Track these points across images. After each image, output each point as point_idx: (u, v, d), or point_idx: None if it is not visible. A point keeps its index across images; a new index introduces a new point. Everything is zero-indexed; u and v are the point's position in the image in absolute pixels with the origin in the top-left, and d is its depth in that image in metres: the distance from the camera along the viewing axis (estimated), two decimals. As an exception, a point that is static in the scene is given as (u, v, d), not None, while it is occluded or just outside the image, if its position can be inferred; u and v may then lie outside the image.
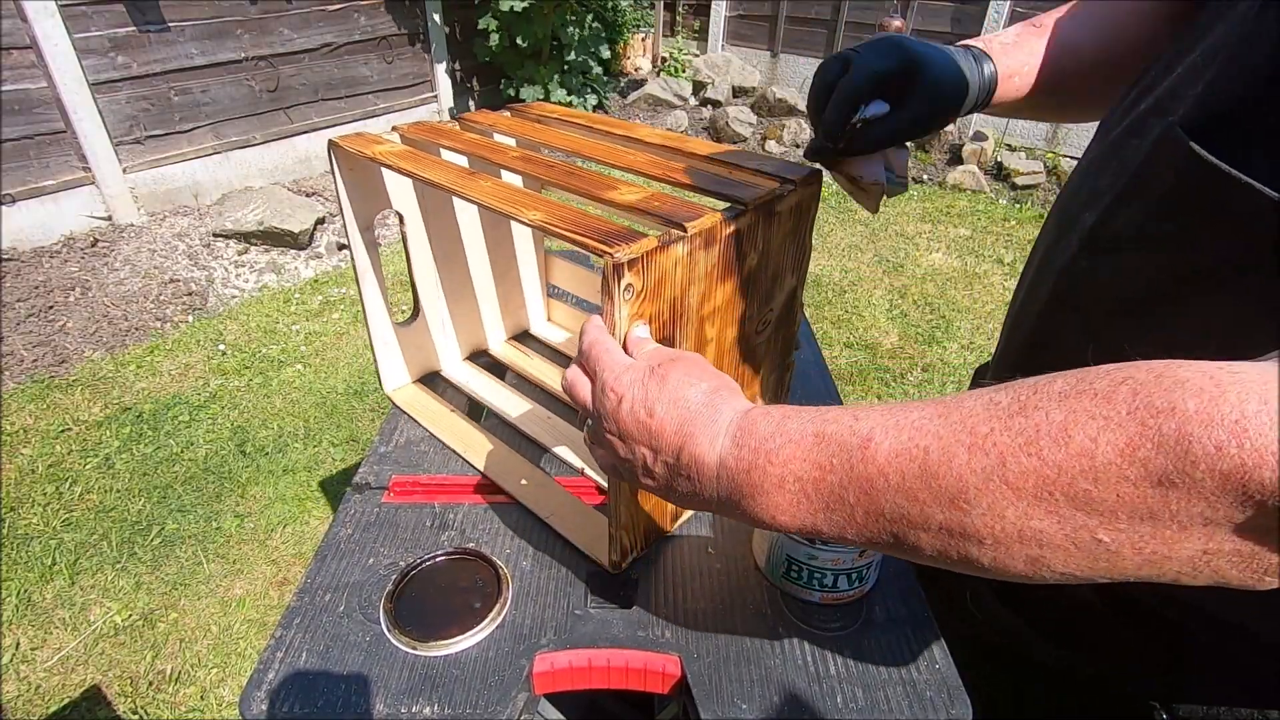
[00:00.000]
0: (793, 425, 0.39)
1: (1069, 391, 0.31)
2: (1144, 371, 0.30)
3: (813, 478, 0.37)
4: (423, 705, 0.55)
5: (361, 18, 3.89)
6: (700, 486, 0.43)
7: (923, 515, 0.34)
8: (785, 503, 0.39)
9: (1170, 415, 0.28)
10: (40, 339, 2.56)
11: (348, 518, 0.73)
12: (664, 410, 0.44)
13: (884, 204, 0.89)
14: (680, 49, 5.59)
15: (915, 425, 0.35)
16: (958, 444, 0.33)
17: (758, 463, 0.39)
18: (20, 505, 1.94)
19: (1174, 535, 0.29)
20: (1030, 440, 0.31)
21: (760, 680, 0.57)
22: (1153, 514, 0.29)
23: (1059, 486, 0.30)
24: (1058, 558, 0.32)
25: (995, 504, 0.32)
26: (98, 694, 1.51)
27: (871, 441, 0.35)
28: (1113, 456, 0.29)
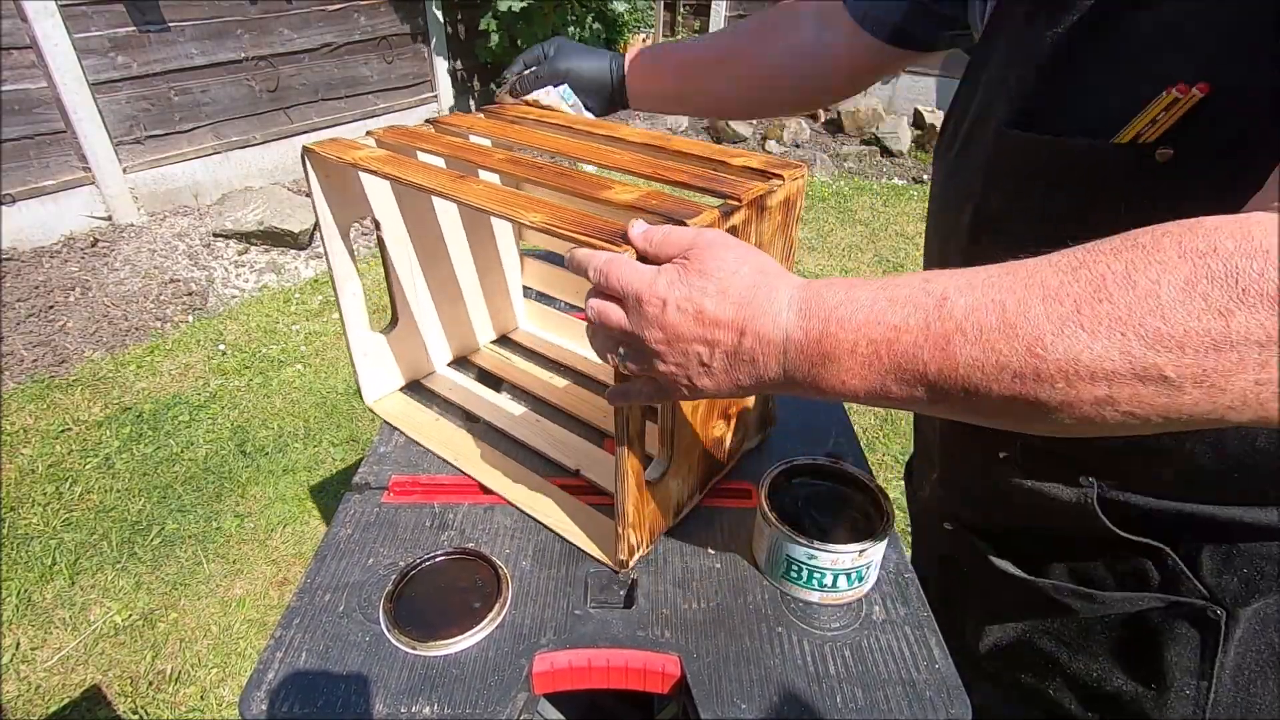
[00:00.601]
0: (861, 293, 0.40)
1: (1120, 248, 0.35)
2: (1177, 226, 0.34)
3: (887, 339, 0.39)
4: (423, 705, 0.55)
5: (361, 17, 3.89)
6: (764, 368, 0.43)
7: (999, 364, 0.36)
8: (856, 367, 0.40)
9: (1214, 254, 0.32)
10: (40, 339, 2.56)
11: (348, 518, 0.73)
12: (714, 303, 0.44)
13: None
14: (680, 49, 5.58)
15: (988, 282, 0.37)
16: (1032, 296, 0.35)
17: (829, 330, 0.40)
18: (20, 505, 1.94)
19: (1232, 365, 0.32)
20: (1099, 287, 0.34)
21: (760, 680, 0.57)
22: (1215, 343, 0.32)
23: (1130, 325, 0.33)
24: (1124, 395, 0.34)
25: (1071, 347, 0.34)
26: (98, 694, 1.51)
27: (948, 299, 0.37)
28: (1175, 294, 0.32)
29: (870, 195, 4.01)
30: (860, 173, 4.33)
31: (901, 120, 4.46)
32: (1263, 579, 0.55)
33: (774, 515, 0.63)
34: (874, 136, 4.49)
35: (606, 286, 0.49)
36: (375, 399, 0.90)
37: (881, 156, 4.46)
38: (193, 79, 3.35)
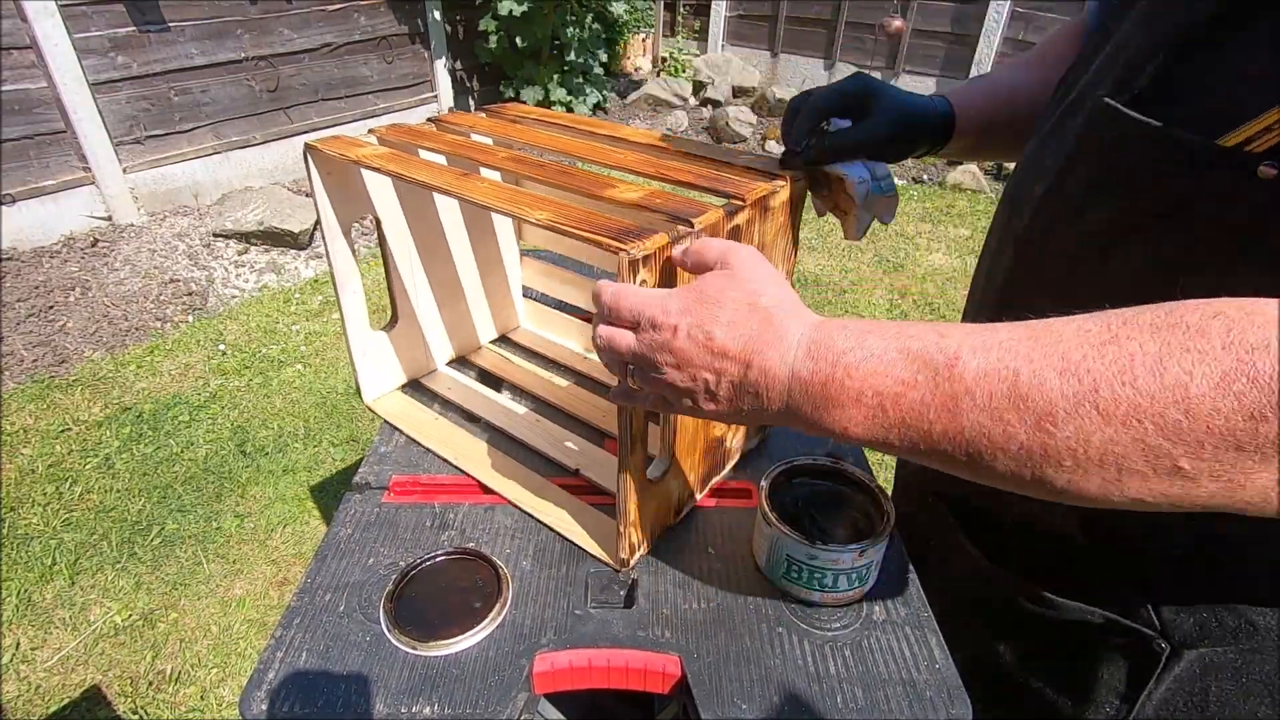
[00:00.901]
0: (873, 341, 0.40)
1: (1160, 324, 0.32)
2: (1234, 308, 0.31)
3: (893, 393, 0.38)
4: (423, 705, 0.55)
5: (361, 18, 3.89)
6: (768, 401, 0.43)
7: (1005, 435, 0.35)
8: (860, 416, 0.39)
9: (1265, 352, 0.30)
10: (40, 339, 2.56)
11: (348, 518, 0.73)
12: (724, 332, 0.43)
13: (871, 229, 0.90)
14: (680, 49, 5.59)
15: (1004, 346, 0.35)
16: (1049, 368, 0.34)
17: (835, 375, 0.40)
18: (20, 505, 1.94)
19: (1254, 466, 0.31)
20: (1125, 369, 0.32)
21: (760, 680, 0.57)
22: (1239, 445, 0.30)
23: (1150, 415, 0.31)
24: (1134, 482, 0.33)
25: (1083, 428, 0.33)
26: (98, 694, 1.51)
27: (959, 360, 0.36)
28: (1207, 390, 0.30)
29: (870, 195, 4.01)
30: (860, 173, 4.32)
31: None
32: (1220, 628, 0.54)
33: (774, 515, 0.63)
34: (874, 137, 4.49)
35: (616, 315, 0.49)
36: (374, 397, 0.89)
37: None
38: (193, 79, 3.36)
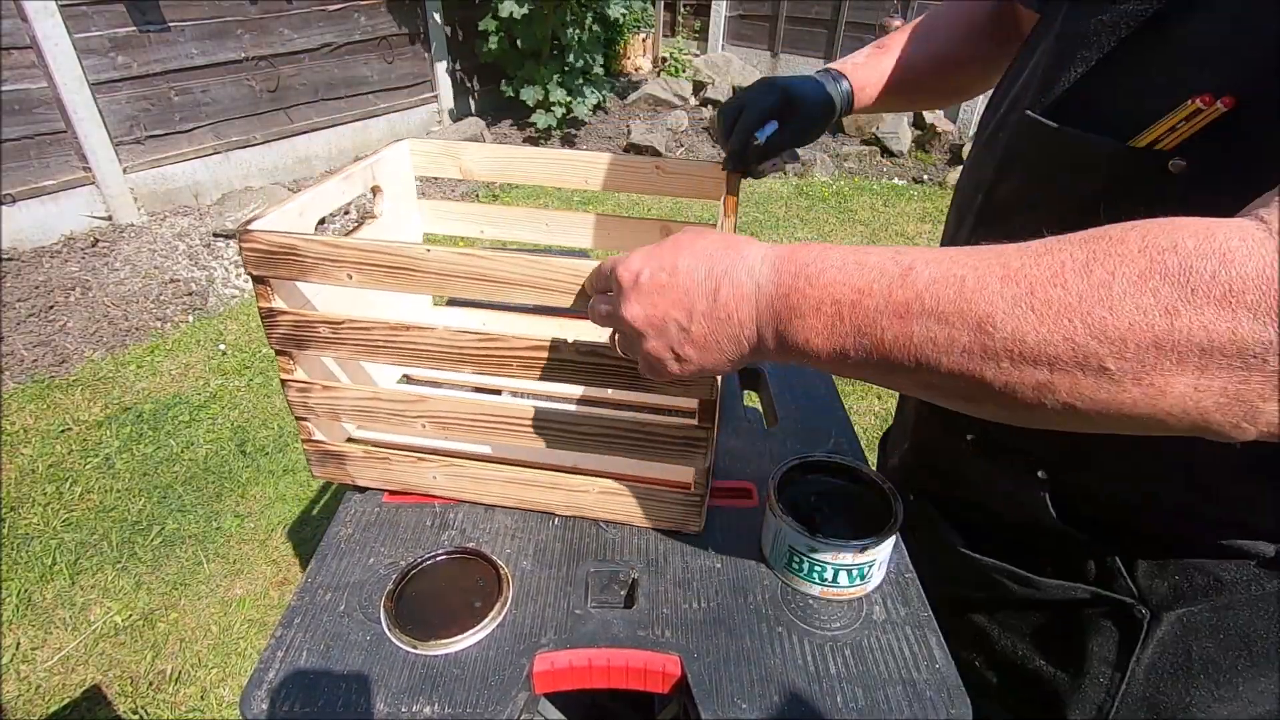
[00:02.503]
0: (833, 255, 0.41)
1: (1088, 238, 0.35)
2: (1149, 221, 0.34)
3: (850, 300, 0.39)
4: (423, 705, 0.55)
5: (361, 18, 3.89)
6: (740, 326, 0.44)
7: (949, 338, 0.37)
8: (820, 325, 0.41)
9: (1174, 251, 0.32)
10: (40, 339, 2.56)
11: (348, 518, 0.73)
12: (687, 263, 0.45)
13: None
14: (680, 49, 5.59)
15: (954, 259, 0.38)
16: (991, 274, 0.36)
17: (798, 285, 0.41)
18: (20, 505, 1.94)
19: (1172, 365, 0.33)
20: (1057, 273, 0.34)
21: (760, 680, 0.57)
22: (1157, 340, 0.32)
23: (1079, 313, 0.33)
24: (1064, 383, 0.35)
25: (1019, 328, 0.35)
26: (98, 694, 1.51)
27: (913, 270, 0.38)
28: (1127, 287, 0.33)
29: (870, 195, 4.01)
30: (860, 173, 4.33)
31: (902, 120, 4.46)
32: (1191, 588, 0.57)
33: (780, 506, 0.64)
34: (874, 137, 4.49)
35: (596, 285, 0.53)
36: None
37: (881, 157, 4.47)
38: (193, 79, 3.36)
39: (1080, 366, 0.34)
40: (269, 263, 0.62)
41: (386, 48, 4.08)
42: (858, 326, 0.39)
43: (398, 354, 0.65)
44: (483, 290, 0.59)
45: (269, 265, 0.63)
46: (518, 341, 0.62)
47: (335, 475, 0.76)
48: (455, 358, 0.64)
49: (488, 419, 0.68)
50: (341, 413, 0.71)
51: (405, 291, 0.62)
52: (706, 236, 0.47)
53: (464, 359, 0.64)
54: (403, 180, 0.88)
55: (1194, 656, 0.58)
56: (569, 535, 0.71)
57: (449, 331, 0.63)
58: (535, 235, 0.92)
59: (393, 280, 0.61)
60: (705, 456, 0.65)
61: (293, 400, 0.71)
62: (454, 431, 0.70)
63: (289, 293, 0.68)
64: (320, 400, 0.70)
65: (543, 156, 0.86)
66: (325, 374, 0.76)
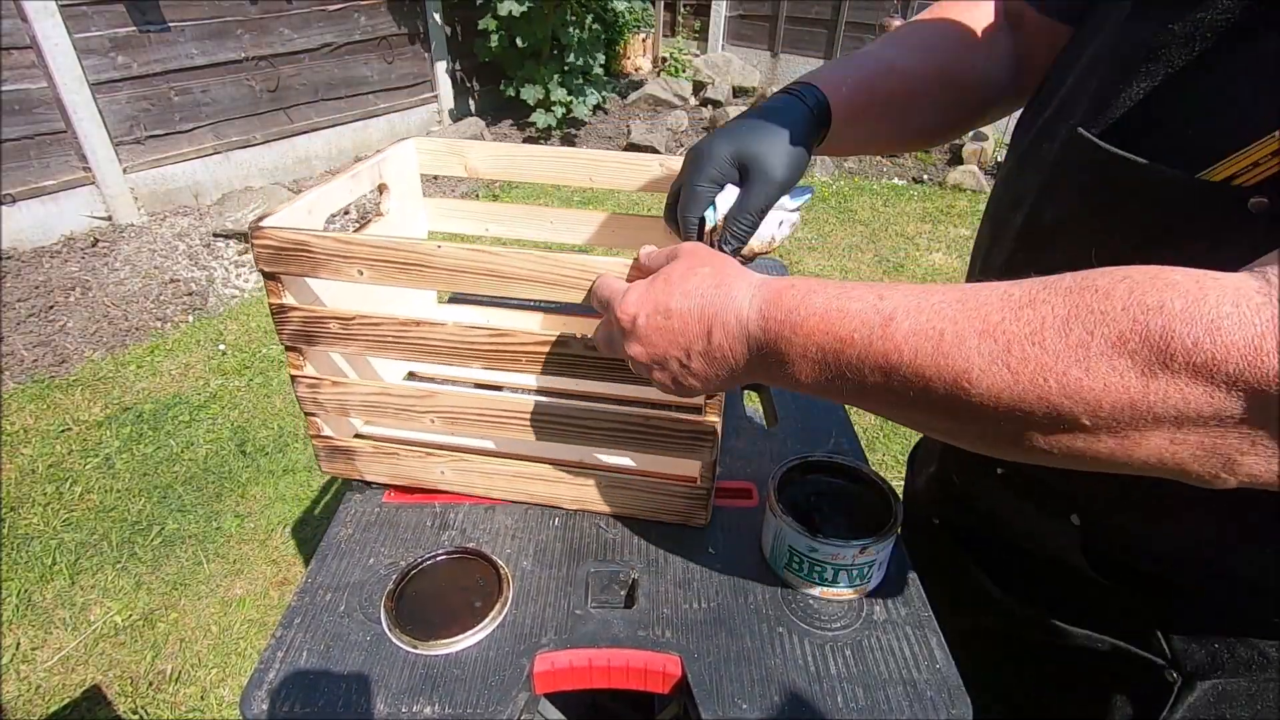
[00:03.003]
0: (817, 299, 0.42)
1: (1074, 287, 0.34)
2: (1140, 273, 0.33)
3: (834, 349, 0.41)
4: (423, 705, 0.55)
5: (361, 18, 3.89)
6: (735, 363, 0.46)
7: (926, 391, 0.37)
8: (807, 369, 0.42)
9: (1159, 313, 0.31)
10: (40, 339, 2.56)
11: (348, 517, 0.73)
12: (679, 304, 0.46)
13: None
14: (680, 49, 5.59)
15: (935, 309, 0.38)
16: (970, 329, 0.36)
17: (784, 334, 0.43)
18: (20, 505, 1.94)
19: (1148, 425, 0.33)
20: (1036, 330, 0.34)
21: (760, 680, 0.57)
22: (1132, 402, 0.32)
23: (1054, 373, 0.33)
24: (1040, 437, 0.35)
25: (994, 385, 0.35)
26: (98, 694, 1.51)
27: (893, 320, 0.39)
28: (1105, 348, 0.32)
29: (870, 195, 4.01)
30: (860, 173, 4.33)
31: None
32: (1232, 660, 0.53)
33: (780, 506, 0.64)
34: (874, 137, 4.49)
35: (595, 304, 0.54)
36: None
37: (882, 156, 4.46)
38: (193, 79, 3.36)
39: (1054, 422, 0.34)
40: (280, 259, 0.63)
41: (386, 48, 4.08)
42: (841, 371, 0.41)
43: (407, 349, 0.66)
44: (492, 286, 0.60)
45: (280, 262, 0.63)
46: (526, 337, 0.62)
47: (344, 470, 0.77)
48: (464, 353, 0.65)
49: (496, 413, 0.69)
50: (350, 408, 0.72)
51: (416, 287, 0.62)
52: (697, 274, 0.47)
53: (473, 354, 0.65)
54: (408, 178, 0.88)
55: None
56: (569, 535, 0.71)
57: (459, 327, 0.63)
58: (539, 233, 0.92)
59: (404, 276, 0.61)
60: (712, 450, 0.65)
61: (302, 396, 0.71)
62: (462, 426, 0.70)
63: (298, 290, 0.68)
64: (330, 396, 0.71)
65: (547, 155, 0.86)
66: (333, 370, 0.76)
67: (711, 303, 0.45)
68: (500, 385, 0.94)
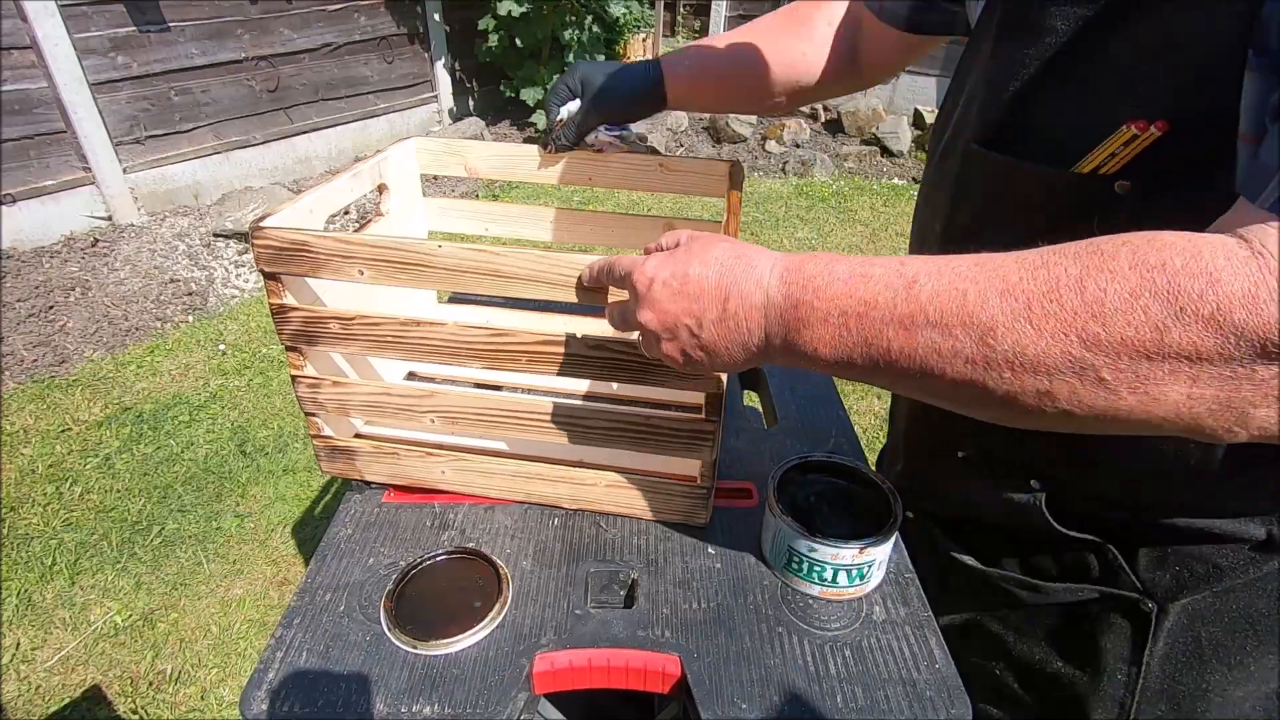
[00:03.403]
0: (840, 267, 0.43)
1: (1081, 252, 0.37)
2: (1139, 237, 0.36)
3: (857, 312, 0.41)
4: (423, 705, 0.55)
5: (361, 18, 3.89)
6: (749, 333, 0.46)
7: (953, 349, 0.38)
8: (827, 335, 0.42)
9: (1162, 270, 0.34)
10: (40, 339, 2.56)
11: (348, 518, 0.73)
12: (698, 270, 0.47)
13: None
14: (680, 49, 5.59)
15: (956, 271, 0.39)
16: (991, 289, 0.37)
17: (805, 298, 0.43)
18: (20, 505, 1.94)
19: (1165, 376, 0.34)
20: (1052, 288, 0.36)
21: (760, 680, 0.57)
22: (1148, 354, 0.34)
23: (1074, 328, 0.35)
24: (1063, 391, 0.36)
25: (1020, 340, 0.36)
26: (98, 694, 1.51)
27: (916, 282, 0.40)
28: (1119, 303, 0.34)
29: (870, 195, 4.01)
30: (860, 173, 4.33)
31: (901, 120, 4.46)
32: (1191, 577, 0.59)
33: (780, 506, 0.64)
34: (874, 136, 4.49)
35: (612, 280, 0.54)
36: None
37: (881, 156, 4.46)
38: (193, 79, 3.36)
39: (1078, 375, 0.36)
40: (281, 259, 0.63)
41: (386, 48, 4.08)
42: (864, 337, 0.41)
43: (407, 349, 0.66)
44: (492, 285, 0.60)
45: (281, 262, 0.63)
46: (527, 336, 0.62)
47: (344, 470, 0.77)
48: (464, 353, 0.65)
49: (496, 413, 0.69)
50: (351, 408, 0.72)
51: (416, 287, 0.62)
52: (719, 244, 0.48)
53: (473, 354, 0.64)
54: (408, 178, 0.88)
55: (1204, 642, 0.60)
56: (569, 535, 0.71)
57: (459, 327, 0.63)
58: (539, 233, 0.92)
59: (404, 276, 0.61)
60: (712, 450, 0.65)
61: (302, 396, 0.71)
62: (463, 426, 0.70)
63: (298, 290, 0.68)
64: (330, 396, 0.71)
65: (547, 155, 0.86)
66: (333, 370, 0.76)
67: (731, 270, 0.46)
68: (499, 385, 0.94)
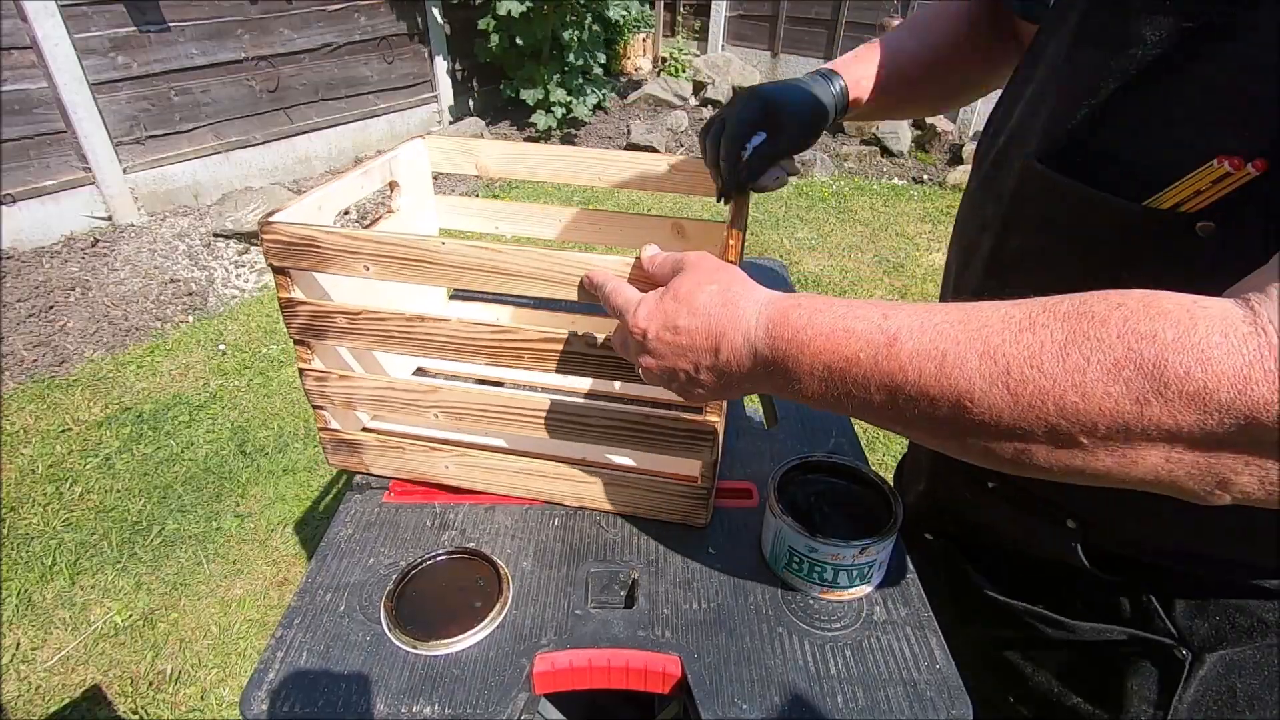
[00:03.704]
0: (823, 318, 0.43)
1: (1071, 313, 0.35)
2: (1135, 299, 0.34)
3: (839, 368, 0.42)
4: (423, 705, 0.55)
5: (362, 17, 3.89)
6: (743, 377, 0.47)
7: (931, 409, 0.38)
8: (813, 388, 0.43)
9: (1152, 341, 0.32)
10: (40, 339, 2.56)
11: (348, 517, 0.73)
12: (687, 322, 0.48)
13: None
14: (680, 49, 5.59)
15: (938, 329, 0.39)
16: (971, 350, 0.37)
17: (790, 353, 0.43)
18: (20, 505, 1.94)
19: (1143, 446, 0.34)
20: (1034, 354, 0.35)
21: (760, 680, 0.57)
22: (1127, 426, 0.33)
23: (1052, 397, 0.34)
24: (1040, 453, 0.36)
25: (995, 406, 0.36)
26: (98, 694, 1.51)
27: (897, 340, 0.40)
28: (1100, 375, 0.33)
29: (870, 195, 4.01)
30: (860, 173, 4.33)
31: (901, 120, 4.46)
32: (1233, 629, 0.55)
33: (780, 506, 0.64)
34: (874, 136, 4.49)
35: (608, 308, 0.55)
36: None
37: (881, 157, 4.47)
38: (193, 79, 3.36)
39: (1052, 440, 0.35)
40: (290, 254, 0.63)
41: (386, 48, 4.08)
42: (847, 390, 0.42)
43: (412, 345, 0.66)
44: (497, 283, 0.60)
45: (289, 257, 0.63)
46: (530, 334, 0.63)
47: (350, 464, 0.77)
48: (469, 349, 0.65)
49: (499, 410, 0.69)
50: (357, 401, 0.72)
51: (421, 283, 0.62)
52: (704, 289, 0.48)
53: (477, 350, 0.65)
54: (420, 176, 0.89)
55: (1239, 694, 0.57)
56: (569, 535, 0.71)
57: (463, 323, 0.64)
58: (548, 231, 0.92)
59: (410, 272, 0.61)
60: (713, 450, 0.65)
61: (310, 389, 0.72)
62: (466, 421, 0.71)
63: (306, 285, 0.69)
64: (337, 389, 0.71)
65: (557, 154, 0.86)
66: (340, 364, 0.77)
67: (719, 320, 0.46)
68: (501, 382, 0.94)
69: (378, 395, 0.71)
